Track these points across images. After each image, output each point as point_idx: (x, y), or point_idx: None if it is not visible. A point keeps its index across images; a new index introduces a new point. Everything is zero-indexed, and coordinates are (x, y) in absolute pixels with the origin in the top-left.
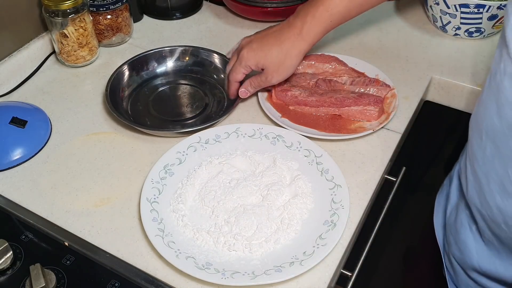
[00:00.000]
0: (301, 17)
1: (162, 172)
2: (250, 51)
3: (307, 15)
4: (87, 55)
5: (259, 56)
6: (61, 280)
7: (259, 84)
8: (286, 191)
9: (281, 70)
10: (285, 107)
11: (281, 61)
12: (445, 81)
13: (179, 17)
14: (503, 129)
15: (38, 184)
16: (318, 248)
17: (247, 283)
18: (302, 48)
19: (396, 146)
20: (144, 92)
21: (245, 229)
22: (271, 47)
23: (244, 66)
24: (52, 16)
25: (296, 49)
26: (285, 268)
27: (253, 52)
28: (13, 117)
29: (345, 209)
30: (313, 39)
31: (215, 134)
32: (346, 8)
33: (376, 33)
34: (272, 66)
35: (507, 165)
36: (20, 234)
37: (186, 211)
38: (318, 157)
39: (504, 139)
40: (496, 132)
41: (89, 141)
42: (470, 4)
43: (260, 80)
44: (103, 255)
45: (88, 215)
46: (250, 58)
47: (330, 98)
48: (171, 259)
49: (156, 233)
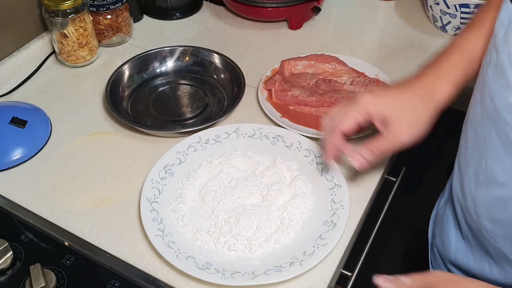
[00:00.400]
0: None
1: (162, 172)
2: (369, 94)
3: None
4: (87, 55)
5: (383, 101)
6: (61, 280)
7: (381, 146)
8: (286, 191)
9: (414, 123)
10: (285, 107)
11: (413, 111)
12: None
13: (179, 17)
14: (482, 119)
15: (38, 184)
16: (318, 248)
17: (247, 283)
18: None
19: None
20: (144, 92)
21: (245, 229)
22: (399, 92)
23: (359, 111)
24: (52, 16)
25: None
26: (285, 268)
27: (375, 95)
28: (13, 117)
29: (345, 209)
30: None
31: (215, 134)
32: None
33: (376, 33)
34: (401, 116)
35: (481, 154)
36: (20, 234)
37: (186, 211)
38: (318, 157)
39: (482, 128)
40: (477, 122)
41: (89, 141)
42: (470, 4)
43: (383, 141)
44: (103, 255)
45: (88, 215)
46: (369, 101)
47: (330, 98)
48: (171, 259)
49: (156, 233)
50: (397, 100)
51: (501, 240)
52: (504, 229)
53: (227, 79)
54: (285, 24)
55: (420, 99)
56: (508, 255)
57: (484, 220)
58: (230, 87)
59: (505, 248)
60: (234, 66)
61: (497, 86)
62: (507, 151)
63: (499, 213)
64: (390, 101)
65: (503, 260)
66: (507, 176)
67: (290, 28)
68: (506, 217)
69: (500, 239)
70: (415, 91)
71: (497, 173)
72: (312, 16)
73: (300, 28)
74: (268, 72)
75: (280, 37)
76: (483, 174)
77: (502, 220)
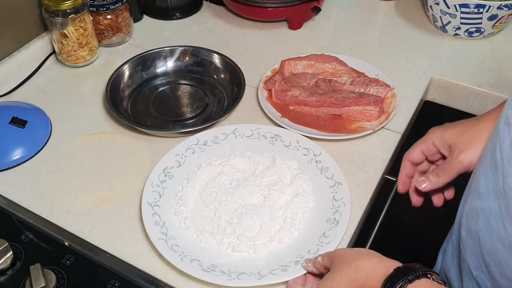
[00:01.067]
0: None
1: (161, 175)
2: (438, 127)
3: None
4: (87, 55)
5: (448, 132)
6: (61, 280)
7: (444, 169)
8: (287, 190)
9: (473, 145)
10: (285, 107)
11: (473, 137)
12: (445, 81)
13: (179, 17)
14: None
15: (38, 184)
16: (322, 246)
17: (254, 284)
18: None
19: (396, 146)
20: (144, 92)
21: (248, 230)
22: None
23: (424, 142)
24: (52, 16)
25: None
26: (290, 267)
27: (442, 128)
28: (13, 117)
29: (347, 206)
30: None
31: (213, 135)
32: None
33: (376, 33)
34: (464, 142)
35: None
36: (20, 234)
37: (188, 213)
38: (317, 156)
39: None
40: None
41: (89, 141)
42: (470, 4)
43: (447, 165)
44: (103, 255)
45: (88, 215)
46: (435, 132)
47: (330, 98)
48: (176, 263)
49: (159, 237)
50: (460, 131)
51: (469, 252)
52: (472, 241)
53: (227, 79)
54: (285, 24)
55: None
56: (471, 269)
57: (463, 229)
58: (230, 87)
59: (470, 261)
60: (234, 66)
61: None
62: (491, 163)
63: (472, 224)
64: (456, 131)
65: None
66: (485, 188)
67: (290, 28)
68: (475, 229)
69: (469, 252)
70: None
71: (480, 184)
72: (312, 16)
73: (300, 28)
74: (268, 72)
75: (280, 37)
76: (474, 183)
77: (472, 232)
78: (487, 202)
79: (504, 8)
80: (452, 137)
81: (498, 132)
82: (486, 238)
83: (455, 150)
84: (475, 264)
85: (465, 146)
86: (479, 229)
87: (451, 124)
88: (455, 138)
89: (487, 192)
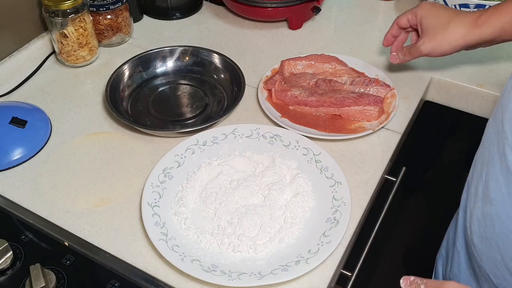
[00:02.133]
0: (482, 11)
1: (161, 175)
2: (426, 4)
3: (488, 10)
4: (87, 55)
5: (428, 12)
6: (61, 280)
7: (409, 50)
8: (287, 190)
9: (436, 40)
10: (285, 107)
11: (442, 31)
12: (445, 81)
13: (179, 17)
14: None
15: (38, 184)
16: (322, 246)
17: (254, 284)
18: (469, 33)
19: (396, 146)
20: (144, 92)
21: (248, 230)
22: (444, 11)
23: (411, 12)
24: (52, 16)
25: (463, 29)
26: (291, 267)
27: (428, 5)
28: (13, 117)
29: (347, 205)
30: (485, 30)
31: (212, 135)
32: None
33: (376, 33)
34: (431, 29)
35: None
36: (20, 234)
37: (188, 214)
38: (317, 155)
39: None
40: (487, 134)
41: (89, 141)
42: (470, 4)
43: (412, 47)
44: (103, 255)
45: (88, 215)
46: (421, 8)
47: (330, 98)
48: (176, 263)
49: (159, 237)
50: (436, 16)
51: (486, 259)
52: (489, 248)
53: (227, 79)
54: (285, 24)
55: (461, 24)
56: (491, 277)
57: (475, 236)
58: (230, 87)
59: (488, 269)
60: (234, 66)
61: (510, 98)
62: (501, 167)
63: (487, 231)
64: (433, 13)
65: (486, 283)
66: (497, 193)
67: (290, 28)
68: (492, 236)
69: (485, 259)
70: (465, 17)
71: (491, 189)
72: (312, 16)
73: (300, 28)
74: (268, 72)
75: (280, 37)
76: (482, 189)
77: (489, 239)
78: (502, 207)
79: None
80: (428, 21)
81: (505, 136)
82: (507, 244)
83: (422, 37)
84: (494, 272)
85: (431, 35)
86: (497, 235)
87: (439, 7)
88: (429, 23)
89: (500, 197)
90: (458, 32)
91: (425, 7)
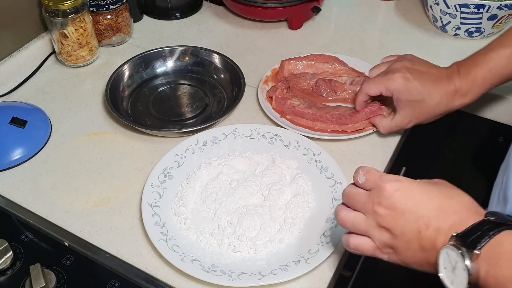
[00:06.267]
0: (462, 75)
1: (161, 175)
2: (403, 78)
3: (469, 75)
4: (87, 55)
5: (406, 88)
6: (61, 280)
7: (385, 124)
8: (287, 190)
9: (416, 117)
10: (283, 114)
11: (424, 108)
12: None
13: (179, 17)
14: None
15: (38, 184)
16: (322, 246)
17: (254, 284)
18: (451, 106)
19: (396, 146)
20: (144, 92)
21: (248, 230)
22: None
23: (386, 87)
24: (52, 16)
25: (445, 105)
26: (291, 267)
27: (406, 80)
28: (13, 117)
29: None
30: (468, 100)
31: (212, 135)
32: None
33: (376, 33)
34: (408, 109)
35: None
36: (20, 234)
37: (188, 214)
38: (317, 155)
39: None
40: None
41: (89, 141)
42: (470, 4)
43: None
44: (103, 255)
45: (88, 215)
46: (397, 82)
47: (326, 114)
48: (176, 263)
49: (159, 237)
50: (418, 92)
51: None
52: None
53: (227, 79)
54: (285, 24)
55: (439, 100)
56: None
57: None
58: (230, 87)
59: None
60: (234, 66)
61: None
62: None
63: None
64: (412, 90)
65: None
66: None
67: (290, 28)
68: None
69: None
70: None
71: (509, 190)
72: (312, 16)
73: (300, 28)
74: (268, 72)
75: (280, 37)
76: (503, 192)
77: None
78: None
79: (504, 8)
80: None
81: None
82: None
83: (397, 112)
84: None
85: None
86: None
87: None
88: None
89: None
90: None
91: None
